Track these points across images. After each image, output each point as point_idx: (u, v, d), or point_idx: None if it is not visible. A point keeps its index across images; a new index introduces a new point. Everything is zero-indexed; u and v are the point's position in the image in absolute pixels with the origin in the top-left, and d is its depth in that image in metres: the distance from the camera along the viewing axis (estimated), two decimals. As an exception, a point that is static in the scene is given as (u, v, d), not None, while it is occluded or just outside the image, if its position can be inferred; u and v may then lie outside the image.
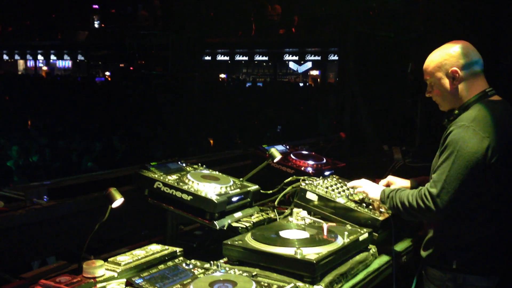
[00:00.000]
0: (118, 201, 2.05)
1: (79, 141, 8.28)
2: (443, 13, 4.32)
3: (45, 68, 28.93)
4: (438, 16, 4.36)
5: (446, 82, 2.25)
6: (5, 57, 28.54)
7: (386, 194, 2.33)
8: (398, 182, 2.59)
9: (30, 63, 29.66)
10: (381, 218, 2.41)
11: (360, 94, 4.97)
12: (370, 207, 2.50)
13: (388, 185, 2.57)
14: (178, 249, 2.10)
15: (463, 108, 2.23)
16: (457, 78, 2.23)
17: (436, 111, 2.47)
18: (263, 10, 17.95)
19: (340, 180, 2.79)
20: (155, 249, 2.08)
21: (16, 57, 28.99)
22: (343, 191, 2.63)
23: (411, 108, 5.01)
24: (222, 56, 24.14)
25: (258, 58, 24.01)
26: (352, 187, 2.56)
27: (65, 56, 27.34)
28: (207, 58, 22.88)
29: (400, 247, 2.56)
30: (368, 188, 2.47)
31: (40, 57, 28.15)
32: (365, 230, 2.32)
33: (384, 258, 2.40)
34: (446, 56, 2.24)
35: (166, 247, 2.10)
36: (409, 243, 2.64)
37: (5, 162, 7.10)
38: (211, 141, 8.48)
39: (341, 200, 2.51)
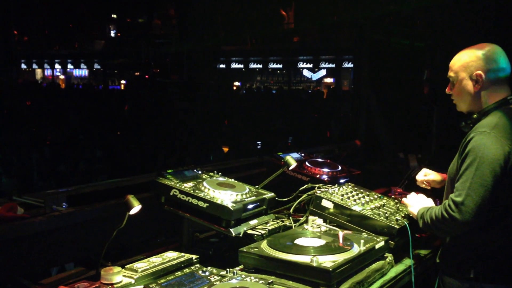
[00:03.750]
0: (136, 208, 2.07)
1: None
2: (459, 19, 4.29)
3: (62, 77, 29.35)
4: (454, 23, 4.34)
5: (469, 84, 2.23)
6: (23, 66, 29.02)
7: (420, 214, 2.30)
8: (433, 176, 2.61)
9: (48, 72, 30.12)
10: (397, 226, 2.40)
11: (375, 102, 4.96)
12: (387, 215, 2.49)
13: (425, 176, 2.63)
14: (194, 256, 2.11)
15: (483, 113, 2.21)
16: (480, 82, 2.19)
17: (452, 118, 2.46)
18: (277, 18, 18.03)
19: (355, 188, 2.79)
20: (171, 256, 2.09)
21: (34, 66, 29.47)
22: (359, 198, 2.62)
23: (427, 115, 4.99)
24: (237, 64, 24.26)
25: (272, 66, 24.08)
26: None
27: (82, 65, 27.74)
28: (222, 66, 23.01)
29: (417, 254, 2.54)
30: (410, 202, 2.46)
31: (57, 66, 28.58)
32: (381, 238, 2.31)
33: (400, 267, 2.39)
34: (474, 57, 2.21)
35: (183, 254, 2.12)
36: (427, 252, 2.62)
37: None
38: (226, 149, 8.51)
39: (357, 208, 2.51)
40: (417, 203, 2.41)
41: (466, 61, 2.23)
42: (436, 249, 2.46)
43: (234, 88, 21.10)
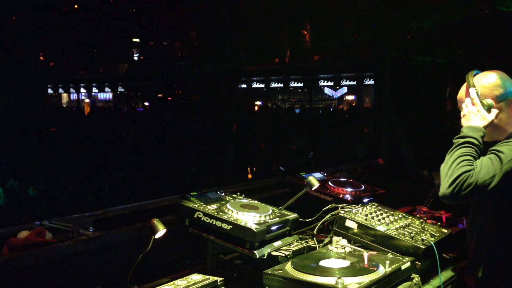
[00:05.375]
0: (161, 232, 2.10)
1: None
2: (480, 36, 4.27)
3: (87, 100, 30.00)
4: (475, 39, 4.32)
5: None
6: (50, 91, 29.77)
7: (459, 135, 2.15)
8: None
9: (73, 96, 30.84)
10: (423, 247, 2.37)
11: (398, 119, 4.93)
12: (412, 235, 2.45)
13: None
14: (219, 279, 2.11)
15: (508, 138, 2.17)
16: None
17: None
18: (297, 37, 18.16)
19: (379, 207, 2.76)
20: (196, 279, 2.10)
21: (60, 90, 30.22)
22: (383, 218, 2.60)
23: (451, 131, 4.92)
24: (258, 83, 24.42)
25: (293, 84, 24.16)
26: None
27: (106, 88, 28.32)
28: (243, 86, 23.19)
29: (444, 276, 2.50)
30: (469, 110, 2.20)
31: (82, 90, 29.26)
32: (407, 258, 2.28)
33: (428, 288, 2.35)
34: (480, 87, 2.20)
35: (208, 276, 2.12)
36: (455, 272, 2.57)
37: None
38: (249, 169, 8.54)
39: (381, 228, 2.48)
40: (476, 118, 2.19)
41: None
42: (464, 269, 2.42)
43: (256, 108, 21.21)
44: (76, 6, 24.83)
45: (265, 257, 2.27)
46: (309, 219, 2.77)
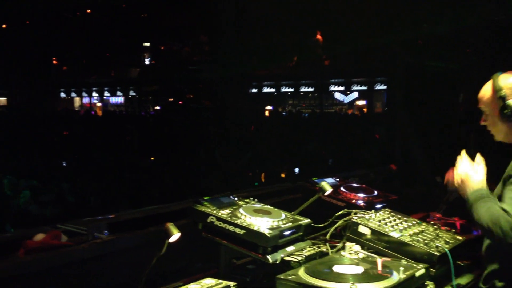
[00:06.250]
0: (175, 236, 2.11)
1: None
2: (494, 41, 4.24)
3: (99, 104, 30.24)
4: (489, 45, 4.29)
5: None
6: (62, 94, 30.06)
7: (472, 200, 2.14)
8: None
9: (85, 100, 31.09)
10: (437, 253, 2.35)
11: (411, 124, 4.90)
12: (426, 241, 2.44)
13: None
14: (232, 283, 2.12)
15: None
16: None
17: (491, 140, 2.42)
18: (308, 42, 18.16)
19: (393, 213, 2.75)
20: (209, 283, 2.10)
21: (73, 94, 30.49)
22: (396, 224, 2.59)
23: (464, 137, 4.89)
24: (268, 88, 24.43)
25: (303, 89, 24.14)
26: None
27: (118, 92, 28.53)
28: (254, 90, 23.23)
29: (459, 283, 2.47)
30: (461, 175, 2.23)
31: (94, 93, 29.50)
32: (421, 265, 2.26)
33: (442, 295, 2.33)
34: (507, 89, 2.18)
35: (220, 281, 2.13)
36: (470, 279, 2.54)
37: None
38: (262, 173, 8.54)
39: (395, 234, 2.47)
40: (469, 181, 2.21)
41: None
42: (479, 276, 2.39)
43: (267, 112, 21.23)
44: (88, 11, 25.09)
45: (278, 262, 2.27)
46: (322, 225, 2.76)
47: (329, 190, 2.80)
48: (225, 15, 15.29)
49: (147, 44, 26.47)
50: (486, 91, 2.25)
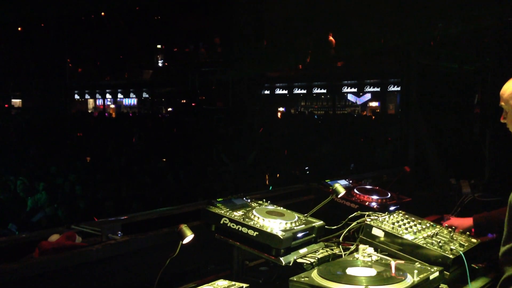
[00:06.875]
0: (189, 237, 2.12)
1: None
2: (509, 42, 4.19)
3: (112, 106, 30.47)
4: (504, 46, 4.24)
5: None
6: (76, 96, 30.34)
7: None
8: (460, 225, 2.60)
9: (99, 102, 31.35)
10: (452, 256, 2.33)
11: (425, 126, 4.86)
12: (440, 244, 2.42)
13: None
14: (244, 285, 2.12)
15: None
16: None
17: (506, 143, 2.39)
18: (322, 44, 18.12)
19: (406, 216, 2.73)
20: (222, 284, 2.11)
21: (87, 96, 30.76)
22: (410, 227, 2.57)
23: (479, 139, 4.84)
24: (281, 89, 24.41)
25: (316, 91, 24.07)
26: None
27: (131, 94, 28.72)
28: (266, 92, 23.22)
29: (474, 286, 2.45)
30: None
31: (108, 95, 29.73)
32: (435, 268, 2.24)
33: (457, 299, 2.31)
34: None
35: (233, 282, 2.13)
36: (485, 282, 2.51)
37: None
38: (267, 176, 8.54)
39: (409, 237, 2.45)
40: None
41: None
42: (494, 279, 2.36)
43: (279, 114, 21.22)
44: (102, 13, 25.31)
45: (290, 264, 2.27)
46: (335, 227, 2.75)
47: (342, 192, 2.79)
48: (239, 17, 15.32)
49: (160, 46, 26.61)
50: (507, 88, 2.23)
